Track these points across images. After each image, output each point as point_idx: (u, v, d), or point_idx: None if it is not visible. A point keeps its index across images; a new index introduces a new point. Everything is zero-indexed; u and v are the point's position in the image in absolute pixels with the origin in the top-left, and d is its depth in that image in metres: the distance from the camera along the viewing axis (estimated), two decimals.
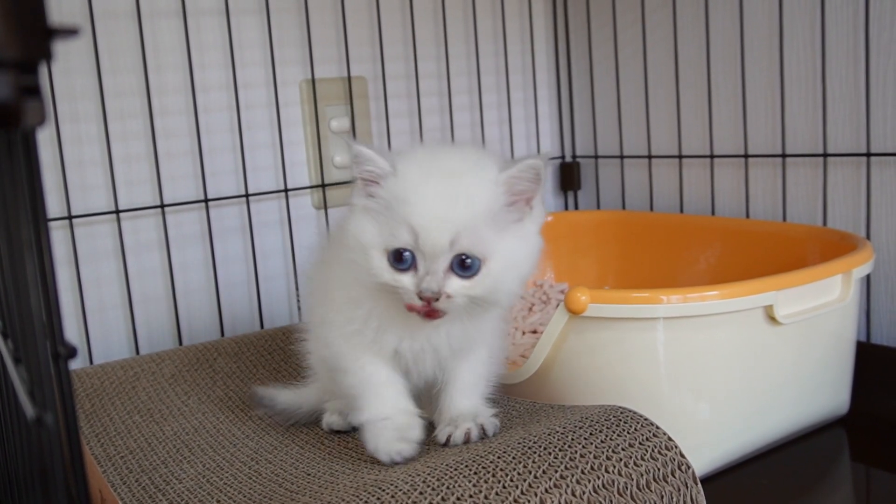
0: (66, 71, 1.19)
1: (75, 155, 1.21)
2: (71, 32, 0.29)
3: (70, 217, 1.20)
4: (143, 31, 1.23)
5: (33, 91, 0.30)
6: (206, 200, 1.31)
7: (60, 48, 1.14)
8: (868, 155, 1.21)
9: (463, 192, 0.71)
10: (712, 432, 0.97)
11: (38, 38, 0.29)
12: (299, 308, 1.41)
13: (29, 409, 0.37)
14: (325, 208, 1.43)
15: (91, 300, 1.24)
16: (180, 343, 1.30)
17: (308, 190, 1.42)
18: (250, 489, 0.78)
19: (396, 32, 1.48)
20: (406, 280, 0.72)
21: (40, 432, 0.35)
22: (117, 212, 1.24)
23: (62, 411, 0.38)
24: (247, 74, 1.34)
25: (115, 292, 1.26)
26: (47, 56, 0.30)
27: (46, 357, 0.40)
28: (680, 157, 1.48)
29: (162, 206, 1.27)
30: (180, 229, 1.31)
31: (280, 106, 1.37)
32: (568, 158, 1.70)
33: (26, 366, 0.42)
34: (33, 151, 0.36)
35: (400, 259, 0.72)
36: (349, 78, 1.42)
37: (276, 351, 1.18)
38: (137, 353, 1.27)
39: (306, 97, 1.40)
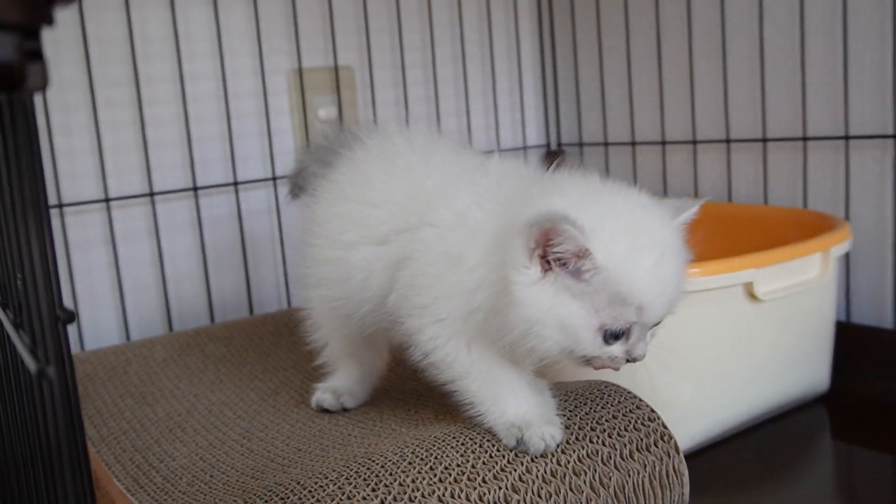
0: (56, 61, 1.20)
1: (65, 144, 1.22)
2: (70, 0, 0.31)
3: (60, 205, 1.21)
4: (131, 21, 1.24)
5: (36, 55, 0.32)
6: (196, 188, 1.32)
7: (48, 38, 1.15)
8: (847, 138, 1.23)
9: (676, 262, 0.70)
10: (695, 409, 0.99)
11: (40, 2, 0.31)
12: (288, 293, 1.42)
13: (32, 365, 0.38)
14: None
15: (82, 288, 1.25)
16: (171, 329, 1.31)
17: None
18: (243, 465, 0.80)
19: (383, 22, 1.49)
20: (616, 350, 0.69)
21: (42, 384, 0.37)
22: (107, 200, 1.25)
23: (61, 368, 0.40)
24: (235, 64, 1.35)
25: (105, 280, 1.27)
26: (49, 20, 0.31)
27: (48, 320, 0.42)
28: (663, 143, 1.50)
29: (151, 194, 1.29)
30: (170, 217, 1.32)
31: (268, 95, 1.38)
32: (553, 146, 1.72)
33: (28, 329, 0.43)
34: (31, 116, 0.37)
35: (618, 336, 0.69)
36: (336, 67, 1.44)
37: (266, 336, 1.20)
38: (128, 339, 1.28)
39: (294, 86, 1.41)
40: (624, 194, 0.73)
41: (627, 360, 0.70)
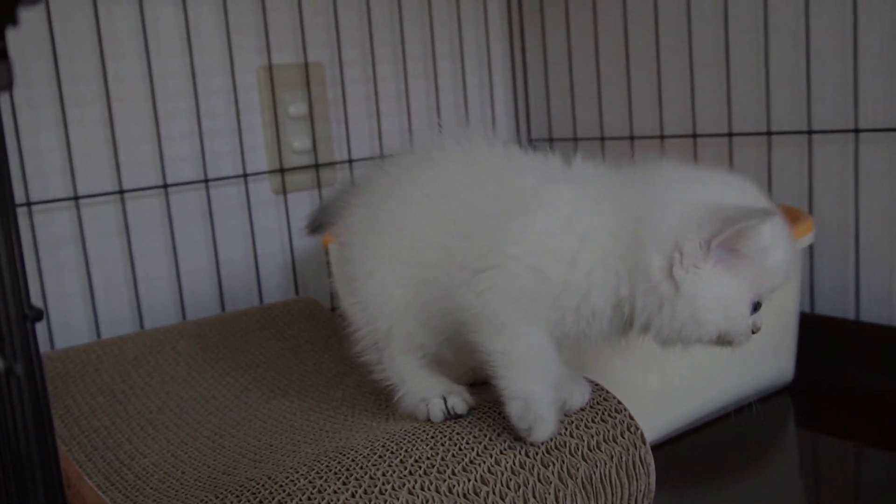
0: (22, 58, 1.19)
1: (33, 142, 1.21)
2: (34, 0, 0.31)
3: (29, 203, 1.21)
4: (99, 18, 1.24)
5: (1, 54, 0.32)
6: (166, 186, 1.32)
7: (14, 32, 1.14)
8: (810, 133, 1.25)
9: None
10: (661, 401, 1.01)
11: (5, 3, 0.31)
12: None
13: None
14: (284, 193, 1.44)
15: (51, 286, 1.24)
16: (142, 327, 1.31)
17: (267, 175, 1.43)
18: (214, 461, 0.80)
19: (353, 18, 1.50)
20: (750, 324, 0.74)
21: (10, 382, 0.37)
22: (76, 198, 1.24)
23: (29, 365, 0.40)
24: (204, 61, 1.35)
25: (75, 278, 1.26)
26: (13, 21, 0.32)
27: (15, 318, 0.42)
28: (631, 138, 1.52)
29: (121, 191, 1.28)
30: (140, 215, 1.31)
31: (238, 92, 1.38)
32: (524, 142, 1.73)
33: None
34: None
35: (756, 308, 0.73)
36: (306, 64, 1.44)
37: (238, 332, 1.20)
38: (99, 337, 1.27)
39: (264, 83, 1.41)
40: (726, 174, 0.77)
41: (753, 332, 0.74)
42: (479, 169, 0.80)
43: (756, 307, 0.73)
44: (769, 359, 1.12)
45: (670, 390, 1.01)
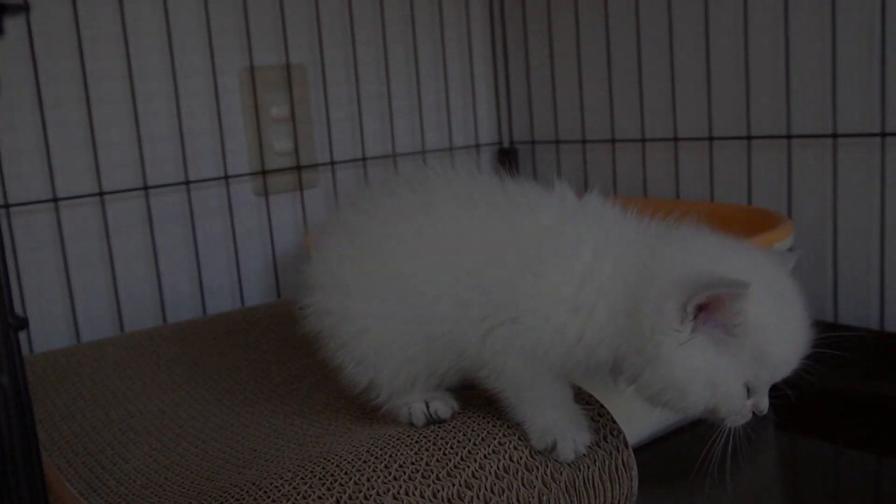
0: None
1: (11, 143, 1.20)
2: (21, 9, 0.31)
3: (7, 206, 1.20)
4: (78, 17, 1.23)
5: None
6: (146, 188, 1.31)
7: None
8: (789, 137, 1.27)
9: (807, 322, 0.71)
10: (643, 404, 1.01)
11: None
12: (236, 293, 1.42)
13: None
14: (266, 195, 1.44)
15: (30, 289, 1.23)
16: (122, 330, 1.30)
17: (248, 177, 1.42)
18: (198, 466, 0.80)
19: (335, 19, 1.49)
20: (748, 405, 0.70)
21: None
22: (55, 200, 1.23)
23: (13, 376, 0.40)
24: (186, 62, 1.34)
25: (54, 281, 1.25)
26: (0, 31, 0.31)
27: None
28: (613, 141, 1.53)
29: (101, 193, 1.27)
30: (120, 217, 1.30)
31: (220, 93, 1.37)
32: (506, 144, 1.74)
33: None
34: None
35: (758, 390, 0.70)
36: (288, 66, 1.43)
37: (220, 335, 1.19)
38: (79, 340, 1.26)
39: (245, 85, 1.40)
40: (747, 248, 0.73)
41: (753, 414, 0.71)
42: (487, 211, 0.76)
43: (760, 388, 0.70)
44: None
45: None
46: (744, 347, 0.67)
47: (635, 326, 0.69)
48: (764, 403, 0.70)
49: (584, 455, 0.78)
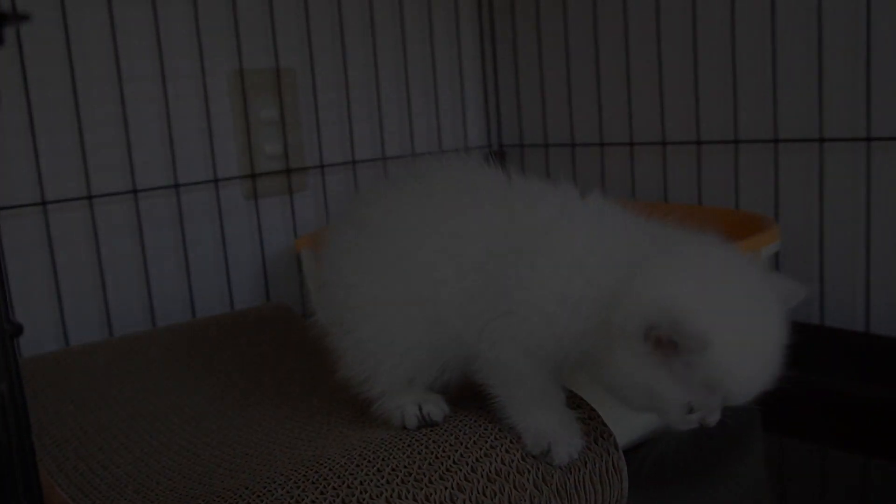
0: None
1: None
2: (23, 18, 0.31)
3: None
4: (66, 19, 1.22)
5: None
6: (136, 191, 1.31)
7: None
8: (776, 141, 1.28)
9: (778, 361, 0.70)
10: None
11: None
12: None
13: None
14: (256, 198, 1.44)
15: (18, 293, 1.23)
16: (111, 334, 1.29)
17: (238, 180, 1.42)
18: (190, 470, 0.80)
19: (324, 23, 1.50)
20: (693, 417, 0.70)
21: None
22: (44, 203, 1.23)
23: (10, 381, 0.40)
24: (174, 65, 1.34)
25: (42, 284, 1.25)
26: (0, 40, 0.31)
27: None
28: (601, 144, 1.54)
29: (90, 196, 1.27)
30: (109, 220, 1.30)
31: (209, 96, 1.37)
32: (495, 147, 1.74)
33: None
34: None
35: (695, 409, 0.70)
36: (278, 69, 1.43)
37: (210, 339, 1.19)
38: (67, 345, 1.26)
39: (235, 88, 1.40)
40: (746, 274, 0.72)
41: (701, 426, 0.71)
42: (490, 202, 0.77)
43: (709, 408, 0.70)
44: None
45: None
46: (695, 377, 0.67)
47: (609, 321, 0.69)
48: (712, 419, 0.71)
49: (575, 457, 0.78)
